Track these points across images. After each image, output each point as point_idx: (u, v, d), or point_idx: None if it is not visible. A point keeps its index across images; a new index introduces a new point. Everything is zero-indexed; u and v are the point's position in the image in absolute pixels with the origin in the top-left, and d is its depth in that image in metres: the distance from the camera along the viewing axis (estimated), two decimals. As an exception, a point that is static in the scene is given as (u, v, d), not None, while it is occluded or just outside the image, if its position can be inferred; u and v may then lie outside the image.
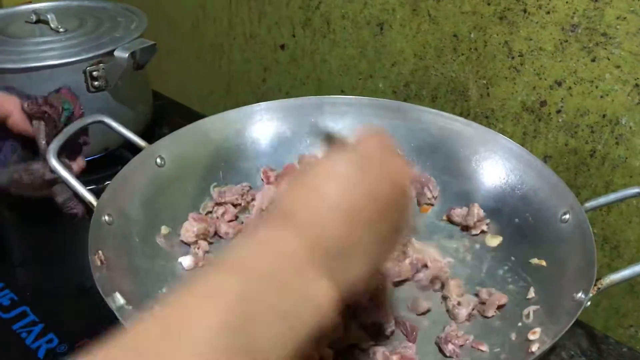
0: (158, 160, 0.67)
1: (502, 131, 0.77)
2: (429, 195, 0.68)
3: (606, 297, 0.77)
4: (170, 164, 0.68)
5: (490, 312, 0.56)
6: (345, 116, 0.76)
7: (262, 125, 0.74)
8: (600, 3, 0.65)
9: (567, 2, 0.67)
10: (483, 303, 0.56)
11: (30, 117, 0.61)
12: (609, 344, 0.72)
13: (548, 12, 0.69)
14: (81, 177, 0.63)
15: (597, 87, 0.69)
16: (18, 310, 0.63)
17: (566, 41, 0.69)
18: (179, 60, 1.26)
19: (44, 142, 0.61)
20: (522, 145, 0.72)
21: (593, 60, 0.68)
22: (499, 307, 0.56)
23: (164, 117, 0.98)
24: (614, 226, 0.73)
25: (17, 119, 0.61)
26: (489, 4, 0.74)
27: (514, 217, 0.63)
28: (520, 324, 0.54)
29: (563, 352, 0.72)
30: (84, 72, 0.76)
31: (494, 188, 0.66)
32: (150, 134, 0.69)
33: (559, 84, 0.72)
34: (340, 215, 0.38)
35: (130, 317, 0.47)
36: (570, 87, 0.71)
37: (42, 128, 0.61)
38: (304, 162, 0.72)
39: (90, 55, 0.76)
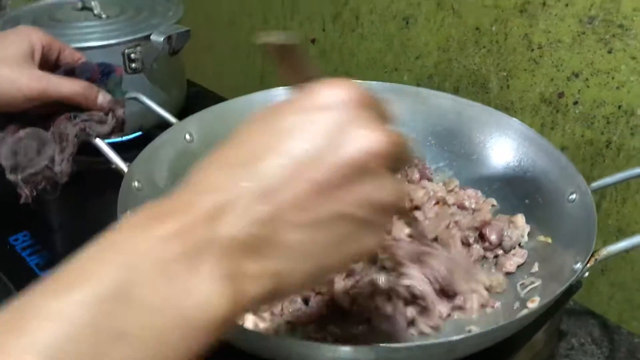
0: (187, 136, 0.71)
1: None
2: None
3: (620, 289, 0.78)
4: (199, 140, 0.71)
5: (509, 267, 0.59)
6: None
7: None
8: (617, -5, 0.67)
9: (584, -5, 0.69)
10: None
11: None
12: (621, 334, 0.73)
13: (566, 5, 0.71)
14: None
15: (613, 78, 0.70)
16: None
17: (583, 33, 0.71)
18: (215, 54, 1.31)
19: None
20: (540, 136, 0.74)
21: (609, 52, 0.70)
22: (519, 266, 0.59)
23: (197, 103, 1.02)
24: (629, 218, 0.74)
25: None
26: (510, -3, 0.76)
27: (525, 198, 0.65)
28: (523, 294, 0.56)
29: (574, 340, 0.73)
30: (123, 54, 0.81)
31: (506, 171, 0.68)
32: (184, 117, 0.73)
33: (576, 76, 0.73)
34: (263, 194, 0.29)
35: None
36: (587, 79, 0.72)
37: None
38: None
39: (129, 38, 0.81)
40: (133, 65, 0.82)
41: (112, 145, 0.64)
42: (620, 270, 0.77)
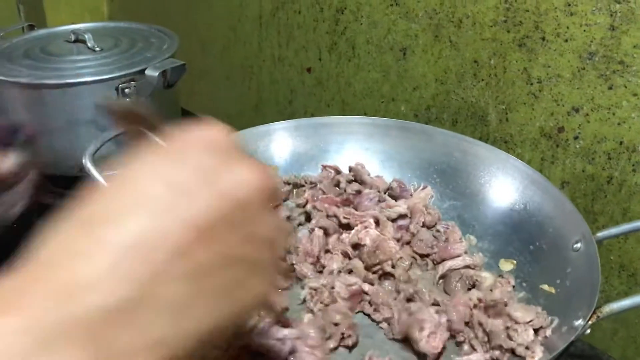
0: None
1: (520, 156, 0.78)
2: None
3: (624, 326, 0.77)
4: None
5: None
6: (371, 137, 0.78)
7: (288, 142, 0.77)
8: (617, 32, 0.66)
9: (584, 31, 0.69)
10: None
11: None
12: (625, 373, 0.72)
13: (566, 40, 0.71)
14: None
15: (614, 114, 0.69)
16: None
17: (583, 68, 0.70)
18: (210, 82, 1.30)
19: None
20: (540, 170, 0.73)
21: (610, 88, 0.69)
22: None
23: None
24: (632, 254, 0.73)
25: None
26: (508, 32, 0.75)
27: (529, 243, 0.63)
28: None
29: (577, 379, 0.72)
30: (116, 88, 0.80)
31: (512, 213, 0.66)
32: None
33: (577, 111, 0.72)
34: (133, 249, 0.24)
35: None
36: (587, 114, 0.72)
37: None
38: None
39: (123, 73, 0.80)
40: (127, 100, 0.81)
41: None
42: (623, 307, 0.76)
